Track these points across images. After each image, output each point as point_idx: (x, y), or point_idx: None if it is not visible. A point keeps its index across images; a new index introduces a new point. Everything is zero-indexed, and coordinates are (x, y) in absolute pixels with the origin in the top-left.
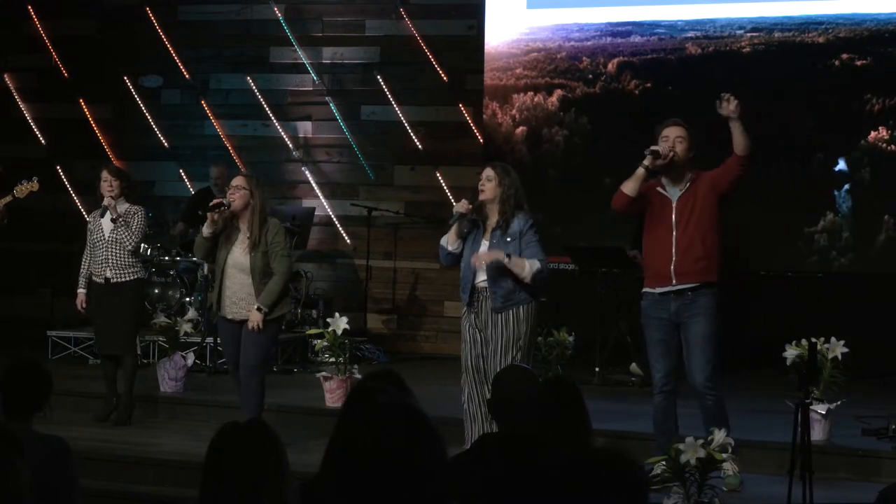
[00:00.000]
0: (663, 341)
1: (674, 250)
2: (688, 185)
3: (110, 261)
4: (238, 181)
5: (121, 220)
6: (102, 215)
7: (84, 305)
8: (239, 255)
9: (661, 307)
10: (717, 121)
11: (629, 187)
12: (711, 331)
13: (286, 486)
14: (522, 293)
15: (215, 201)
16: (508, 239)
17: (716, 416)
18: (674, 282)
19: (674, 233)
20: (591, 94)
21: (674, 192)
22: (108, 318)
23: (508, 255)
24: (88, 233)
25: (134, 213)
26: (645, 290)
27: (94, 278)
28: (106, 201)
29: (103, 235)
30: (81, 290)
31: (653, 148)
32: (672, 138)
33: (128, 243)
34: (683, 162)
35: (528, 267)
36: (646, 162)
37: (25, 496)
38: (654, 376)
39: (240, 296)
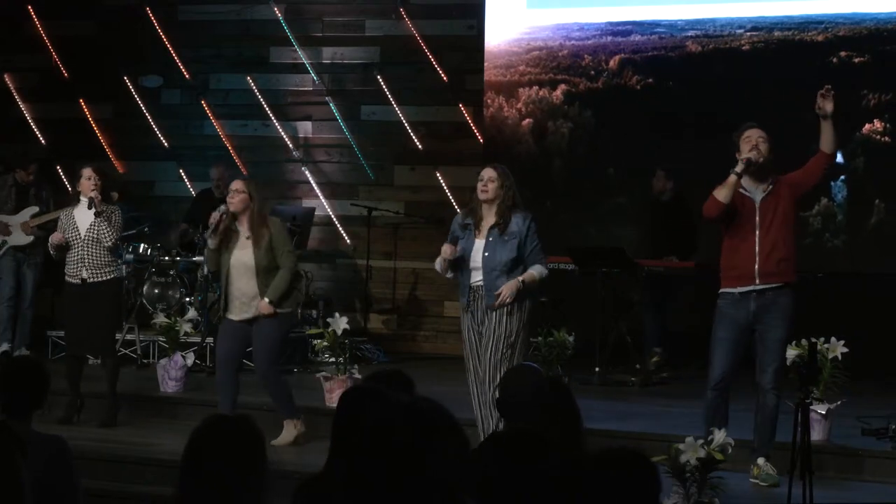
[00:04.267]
0: (731, 340)
1: (757, 251)
2: (770, 186)
3: (86, 260)
4: (236, 185)
5: (104, 214)
6: (78, 212)
7: (58, 242)
8: (242, 256)
9: (740, 307)
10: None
11: (723, 194)
12: (789, 334)
13: (263, 481)
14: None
15: (215, 219)
16: (506, 238)
17: (774, 417)
18: (757, 282)
19: (757, 233)
20: (594, 88)
21: (756, 193)
22: (84, 319)
23: (522, 281)
24: (61, 231)
25: (113, 211)
26: (724, 290)
27: (68, 279)
28: (93, 194)
29: (79, 234)
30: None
31: (747, 157)
32: (755, 139)
33: (107, 240)
34: (766, 162)
35: (538, 278)
36: (738, 169)
37: (27, 494)
38: (712, 373)
39: (249, 295)
